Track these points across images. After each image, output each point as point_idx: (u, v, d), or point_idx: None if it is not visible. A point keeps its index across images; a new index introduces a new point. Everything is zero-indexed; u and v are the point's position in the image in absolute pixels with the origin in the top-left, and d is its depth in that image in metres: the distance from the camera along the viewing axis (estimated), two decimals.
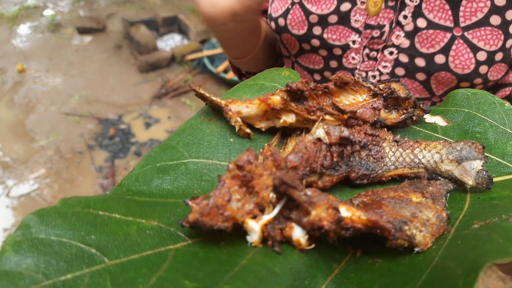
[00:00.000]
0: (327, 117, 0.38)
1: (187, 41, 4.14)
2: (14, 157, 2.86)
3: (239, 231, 0.32)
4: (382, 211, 0.31)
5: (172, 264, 0.29)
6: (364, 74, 0.74)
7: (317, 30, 0.73)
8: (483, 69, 0.65)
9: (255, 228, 0.30)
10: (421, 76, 0.69)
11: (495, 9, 0.62)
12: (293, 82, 0.37)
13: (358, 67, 0.74)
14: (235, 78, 3.40)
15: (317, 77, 0.81)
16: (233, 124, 0.39)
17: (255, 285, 0.26)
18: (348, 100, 0.40)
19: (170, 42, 4.10)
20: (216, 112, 0.42)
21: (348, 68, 0.75)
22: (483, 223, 0.30)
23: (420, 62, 0.68)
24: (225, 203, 0.30)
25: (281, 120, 0.38)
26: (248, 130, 0.39)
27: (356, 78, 0.39)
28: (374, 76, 0.74)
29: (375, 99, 0.40)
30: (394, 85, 0.40)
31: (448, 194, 0.36)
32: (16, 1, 5.06)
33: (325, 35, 0.73)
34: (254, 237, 0.31)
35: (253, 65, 0.88)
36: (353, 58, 0.74)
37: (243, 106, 0.39)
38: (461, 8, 0.64)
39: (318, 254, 0.32)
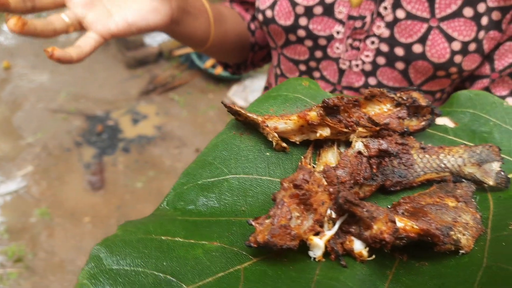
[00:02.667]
0: (360, 128, 0.40)
1: None
2: (1, 154, 2.79)
3: (299, 248, 0.34)
4: (429, 219, 0.34)
5: (246, 284, 0.31)
6: (347, 63, 0.78)
7: (303, 21, 0.76)
8: (457, 58, 0.70)
9: (320, 244, 0.32)
10: (400, 65, 0.74)
11: (468, 2, 0.67)
12: (329, 99, 0.39)
13: (342, 56, 0.78)
14: (223, 73, 3.42)
15: (303, 67, 0.84)
16: (270, 139, 0.41)
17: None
18: (374, 110, 0.42)
19: (157, 38, 4.04)
20: (247, 126, 0.43)
21: (332, 58, 0.79)
22: None
23: (399, 51, 0.72)
24: (288, 222, 0.32)
25: (317, 134, 0.40)
26: (284, 145, 0.41)
27: (382, 90, 0.42)
28: (357, 65, 0.77)
29: (398, 109, 0.42)
30: (415, 95, 0.43)
31: (477, 197, 0.40)
32: None
33: (310, 26, 0.76)
34: (318, 253, 0.33)
35: (221, 53, 0.92)
36: (337, 48, 0.77)
37: (280, 122, 0.40)
38: (437, 0, 0.68)
39: (374, 263, 0.34)
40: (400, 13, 0.70)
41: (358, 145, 0.38)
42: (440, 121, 0.49)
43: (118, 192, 2.59)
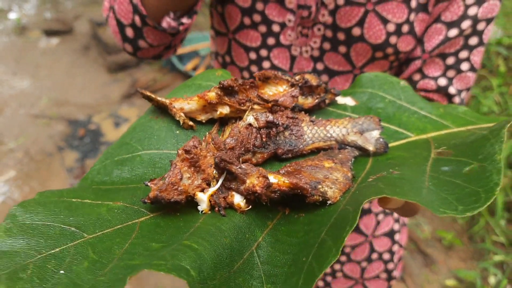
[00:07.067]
0: (255, 106, 0.46)
1: None
2: None
3: (191, 204, 0.39)
4: (301, 176, 0.40)
5: (139, 233, 0.37)
6: (298, 50, 0.83)
7: (259, 6, 0.80)
8: (392, 39, 0.76)
9: (203, 198, 0.38)
10: (342, 49, 0.80)
11: None
12: (224, 80, 0.45)
13: (293, 43, 0.83)
14: None
15: (253, 56, 0.88)
16: (177, 119, 0.47)
17: (207, 238, 0.34)
18: (272, 91, 0.49)
19: None
20: (162, 110, 0.49)
21: (285, 45, 0.84)
22: (375, 176, 0.40)
23: (340, 36, 0.78)
24: (178, 181, 0.38)
25: (218, 112, 0.46)
26: (190, 123, 0.47)
27: (275, 72, 0.48)
28: (306, 51, 0.83)
29: (292, 89, 0.49)
30: (307, 76, 0.49)
31: (353, 159, 0.46)
32: None
33: (266, 11, 0.81)
34: (203, 206, 0.39)
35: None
36: (289, 35, 0.82)
37: (184, 103, 0.46)
38: None
39: (255, 214, 0.40)
40: (340, 0, 0.76)
41: (249, 118, 0.44)
42: (342, 100, 0.55)
43: None
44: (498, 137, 0.41)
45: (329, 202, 0.40)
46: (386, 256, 1.02)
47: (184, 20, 0.78)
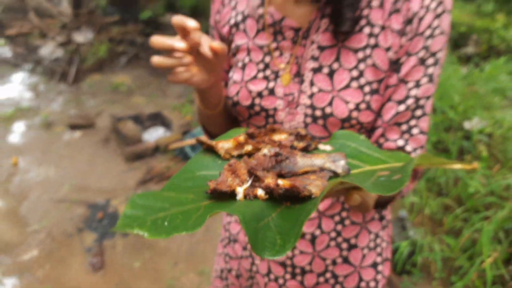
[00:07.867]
0: (268, 145, 0.76)
1: (170, 133, 4.60)
2: (9, 239, 3.07)
3: (232, 195, 0.67)
4: (296, 181, 0.68)
5: (204, 208, 0.64)
6: (288, 125, 1.14)
7: (257, 101, 1.14)
8: (354, 114, 1.07)
9: (240, 191, 0.66)
10: (320, 121, 1.11)
11: (353, 78, 1.06)
12: (249, 130, 0.75)
13: (284, 120, 1.15)
14: None
15: None
16: (219, 153, 0.76)
17: (245, 207, 0.62)
18: (278, 137, 0.78)
19: (154, 134, 4.50)
20: (209, 150, 0.78)
21: (278, 122, 1.16)
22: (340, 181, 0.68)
23: (318, 113, 1.09)
24: (226, 180, 0.66)
25: (244, 149, 0.76)
26: (228, 156, 0.76)
27: (279, 126, 0.78)
28: (294, 125, 1.13)
29: (290, 136, 0.78)
30: (299, 129, 0.79)
31: (329, 177, 0.74)
32: (12, 104, 5.42)
33: (262, 103, 1.14)
34: (240, 196, 0.66)
35: (223, 122, 1.29)
36: (280, 115, 1.14)
37: (224, 143, 0.76)
38: (335, 79, 1.07)
39: (271, 202, 0.67)
40: (314, 89, 1.08)
41: (265, 150, 0.73)
42: (322, 147, 0.85)
43: (117, 271, 2.83)
44: (411, 163, 0.70)
45: (313, 196, 0.67)
46: (372, 284, 1.25)
47: None
